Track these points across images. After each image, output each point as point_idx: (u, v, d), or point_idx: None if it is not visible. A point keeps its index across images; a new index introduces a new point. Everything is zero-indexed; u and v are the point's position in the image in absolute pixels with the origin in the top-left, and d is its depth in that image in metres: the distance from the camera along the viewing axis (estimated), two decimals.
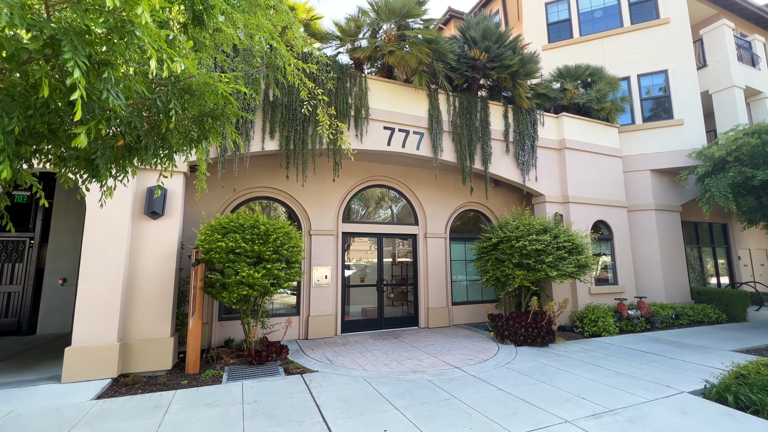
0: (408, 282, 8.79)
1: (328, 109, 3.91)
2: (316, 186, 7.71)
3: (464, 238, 9.26)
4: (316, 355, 6.08)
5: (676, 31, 10.22)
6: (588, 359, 5.84)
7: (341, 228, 8.00)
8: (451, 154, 7.80)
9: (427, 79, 7.47)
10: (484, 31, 7.83)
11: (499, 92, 8.85)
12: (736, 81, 10.53)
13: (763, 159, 7.59)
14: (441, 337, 7.39)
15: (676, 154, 9.65)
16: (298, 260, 5.75)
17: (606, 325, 7.54)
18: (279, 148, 6.37)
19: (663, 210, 9.74)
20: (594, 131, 9.43)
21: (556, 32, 11.47)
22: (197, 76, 1.84)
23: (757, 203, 7.93)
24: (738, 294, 9.18)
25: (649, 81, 10.39)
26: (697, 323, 8.76)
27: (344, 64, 7.15)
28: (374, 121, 7.17)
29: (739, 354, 6.05)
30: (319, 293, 7.46)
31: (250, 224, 5.41)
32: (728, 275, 12.03)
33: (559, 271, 6.59)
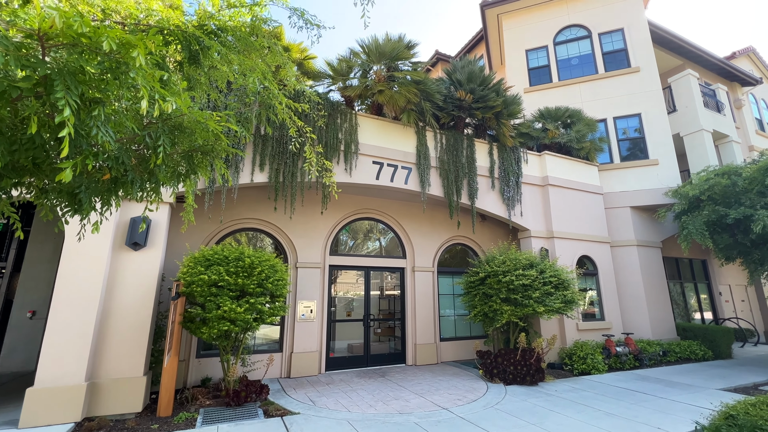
0: (395, 317, 8.62)
1: (315, 147, 4.00)
2: (304, 218, 7.70)
3: (452, 272, 9.24)
4: (298, 396, 5.80)
5: (646, 79, 10.98)
6: (578, 399, 5.71)
7: (328, 261, 7.92)
8: (438, 189, 7.96)
9: (415, 117, 7.75)
10: (469, 74, 8.27)
11: (485, 131, 9.22)
12: (704, 125, 11.23)
13: (734, 198, 7.96)
14: (429, 376, 7.16)
15: (653, 192, 10.05)
16: (283, 294, 5.62)
17: (595, 362, 7.45)
18: (268, 181, 6.40)
19: (644, 246, 9.98)
20: (575, 169, 9.80)
21: (537, 76, 12.19)
22: (188, 114, 1.88)
23: (732, 241, 8.21)
24: (722, 330, 9.27)
25: (625, 123, 11.00)
26: (684, 360, 8.74)
27: (335, 101, 7.39)
28: (363, 155, 7.33)
29: (727, 393, 6.01)
30: (304, 328, 7.23)
31: (235, 256, 5.31)
32: (711, 311, 12.18)
33: (546, 306, 6.58)
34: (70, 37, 1.31)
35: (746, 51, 15.93)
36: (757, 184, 7.63)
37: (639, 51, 11.21)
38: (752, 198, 7.65)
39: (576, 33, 12.05)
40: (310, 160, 3.65)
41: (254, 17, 2.95)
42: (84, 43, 1.38)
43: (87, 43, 1.36)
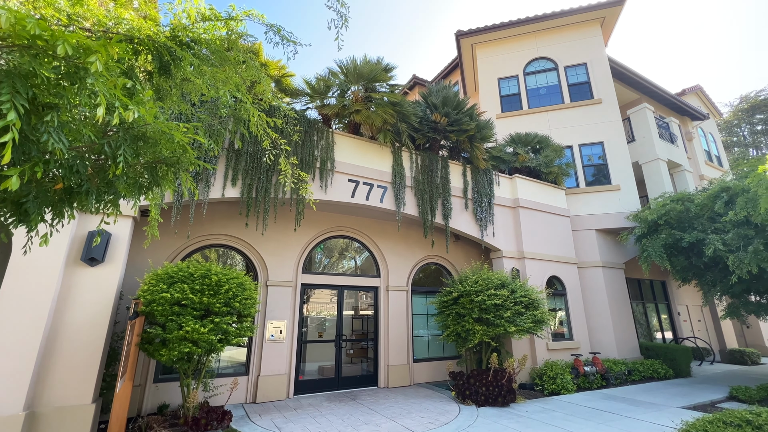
0: (368, 337, 8.45)
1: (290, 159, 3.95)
2: (276, 235, 7.54)
3: (426, 291, 9.24)
4: (263, 422, 5.50)
5: (607, 110, 11.74)
6: (548, 420, 5.73)
7: (300, 279, 7.73)
8: (413, 208, 8.04)
9: (391, 138, 7.89)
10: (444, 98, 8.56)
11: (459, 153, 9.48)
12: (659, 154, 12.06)
13: (688, 223, 8.50)
14: (401, 398, 7.00)
15: (616, 215, 10.58)
16: (252, 313, 5.40)
17: (564, 382, 7.55)
18: (240, 196, 6.25)
19: (609, 267, 10.40)
20: (544, 192, 10.20)
21: (508, 103, 12.78)
22: (153, 124, 1.82)
23: (687, 263, 8.70)
24: (682, 349, 9.67)
25: (589, 150, 11.64)
26: (647, 379, 9.01)
27: (312, 118, 7.42)
28: (339, 173, 7.33)
29: (687, 411, 6.21)
30: (272, 350, 6.95)
31: (201, 273, 5.09)
32: (671, 330, 12.72)
33: (517, 326, 6.66)
34: (23, 38, 1.25)
35: (695, 89, 17.43)
36: (707, 211, 8.20)
37: (601, 84, 12.02)
38: (704, 223, 8.19)
39: (544, 65, 12.82)
40: (285, 172, 3.59)
41: (230, 31, 2.95)
42: (40, 45, 1.31)
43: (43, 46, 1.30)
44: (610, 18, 12.56)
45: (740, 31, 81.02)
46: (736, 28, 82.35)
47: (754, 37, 77.47)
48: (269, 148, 3.52)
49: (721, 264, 7.93)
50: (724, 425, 4.60)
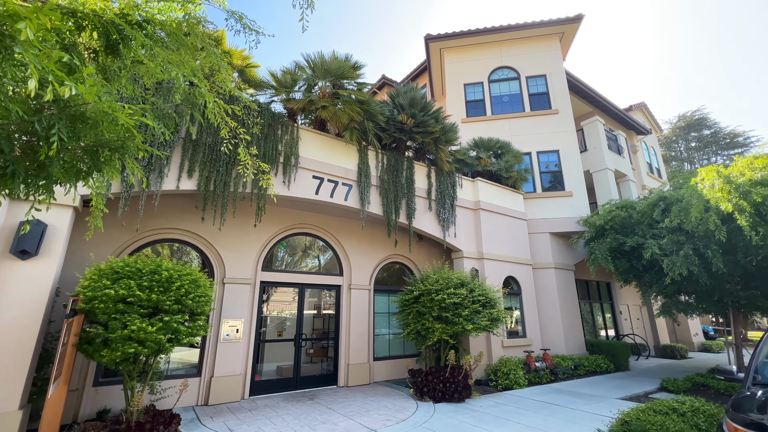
0: (329, 336, 8.37)
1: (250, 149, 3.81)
2: (235, 230, 7.26)
3: (388, 290, 9.30)
4: (215, 425, 5.27)
5: (563, 121, 12.44)
6: (500, 414, 5.97)
7: (260, 276, 7.50)
8: (377, 207, 8.06)
9: (357, 136, 7.86)
10: (411, 99, 8.67)
11: (424, 154, 9.64)
12: (608, 164, 12.97)
13: (630, 228, 9.20)
14: (360, 397, 7.00)
15: (568, 220, 11.24)
16: (205, 312, 5.16)
17: (516, 378, 7.90)
18: (197, 188, 5.96)
19: (561, 268, 11.02)
20: (504, 196, 10.62)
21: (473, 108, 13.18)
22: (94, 104, 1.69)
23: (629, 265, 9.42)
24: (622, 345, 10.45)
25: (546, 157, 12.27)
26: (591, 373, 9.65)
27: (277, 112, 7.23)
28: (303, 169, 7.20)
29: (624, 402, 6.72)
30: (228, 350, 6.69)
31: (151, 269, 4.79)
32: (614, 328, 13.72)
33: (475, 324, 6.88)
34: None
35: (640, 105, 18.92)
36: (647, 218, 8.92)
37: (558, 96, 12.72)
38: (644, 229, 8.90)
39: (507, 74, 13.35)
40: (244, 163, 3.46)
41: (188, 14, 2.81)
42: None
43: None
44: (569, 34, 13.32)
45: (682, 55, 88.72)
46: (679, 52, 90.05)
47: (694, 62, 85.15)
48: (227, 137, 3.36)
49: (657, 267, 8.66)
50: (654, 413, 5.03)
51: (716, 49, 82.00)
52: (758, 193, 6.34)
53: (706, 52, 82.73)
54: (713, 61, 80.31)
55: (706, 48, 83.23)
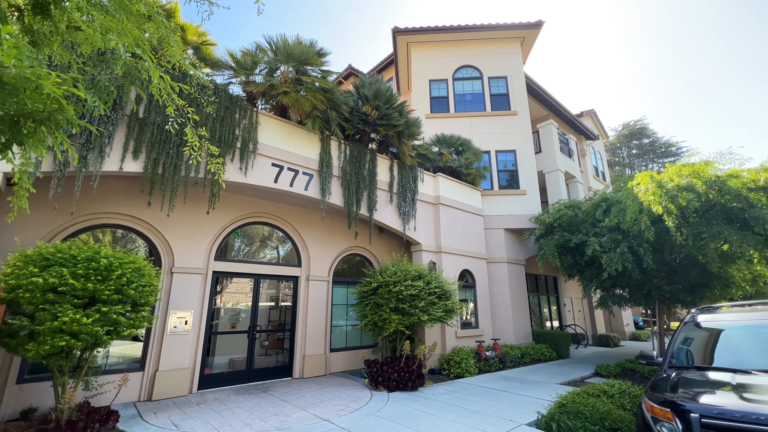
0: (285, 328, 8.23)
1: (199, 130, 3.59)
2: (186, 217, 6.88)
3: (347, 281, 9.29)
4: (158, 420, 5.02)
5: (521, 122, 13.01)
6: (451, 400, 6.22)
7: (213, 266, 7.19)
8: (338, 198, 7.99)
9: (320, 125, 7.71)
10: (376, 91, 8.63)
11: (387, 147, 9.67)
12: (559, 166, 13.77)
13: (576, 227, 9.86)
14: (315, 388, 6.97)
15: (521, 217, 11.83)
16: (150, 302, 4.86)
17: (468, 366, 8.25)
18: (143, 171, 5.55)
19: (513, 263, 11.60)
20: (463, 192, 10.94)
21: (437, 105, 13.39)
22: (13, 68, 1.51)
23: (573, 261, 10.11)
24: (563, 335, 11.25)
25: (504, 157, 12.79)
26: (536, 361, 10.30)
27: (235, 95, 6.89)
28: (262, 156, 6.95)
29: (563, 386, 7.26)
30: (175, 342, 6.36)
31: (87, 256, 4.41)
32: (558, 319, 14.74)
33: (430, 315, 7.07)
34: None
35: (590, 112, 20.22)
36: (590, 217, 9.61)
37: (517, 98, 13.25)
38: (587, 227, 9.59)
39: (471, 73, 13.68)
40: (191, 144, 3.25)
41: None
42: None
43: None
44: (529, 38, 13.88)
45: (629, 67, 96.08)
46: (627, 64, 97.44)
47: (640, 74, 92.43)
48: (173, 115, 3.12)
49: (597, 262, 9.37)
50: (587, 396, 5.48)
51: (659, 63, 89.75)
52: (684, 198, 7.04)
53: (650, 65, 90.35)
54: (657, 75, 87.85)
55: (651, 61, 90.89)
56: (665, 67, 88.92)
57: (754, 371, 3.13)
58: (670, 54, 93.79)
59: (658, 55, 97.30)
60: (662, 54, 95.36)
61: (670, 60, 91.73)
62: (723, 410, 2.50)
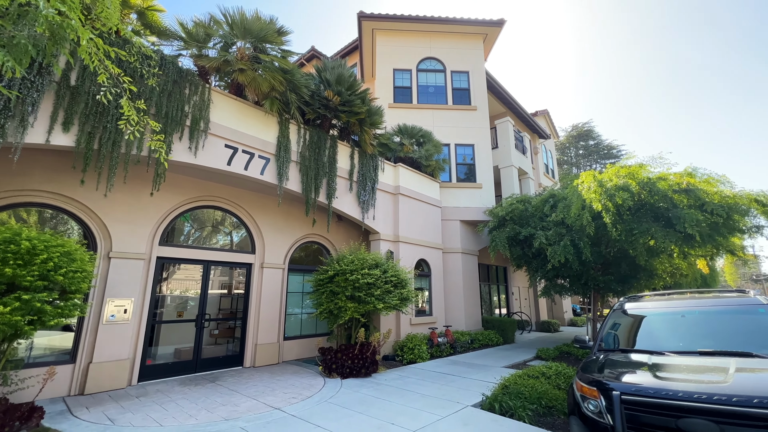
0: (237, 316, 7.96)
1: (137, 102, 3.27)
2: (126, 198, 6.36)
3: (304, 269, 9.15)
4: (91, 415, 4.67)
5: (480, 118, 13.39)
6: (403, 385, 6.40)
7: (157, 251, 6.73)
8: (296, 184, 7.78)
9: (279, 107, 7.41)
10: (338, 76, 8.43)
11: (348, 134, 9.53)
12: (514, 162, 14.41)
13: (526, 221, 10.42)
14: (267, 376, 6.85)
15: (477, 210, 12.28)
16: (81, 289, 4.46)
17: (420, 352, 8.52)
18: (75, 146, 5.02)
19: (467, 254, 12.06)
20: (422, 183, 11.12)
21: (401, 95, 13.39)
22: None
23: (521, 252, 10.71)
24: (510, 321, 11.96)
25: (463, 150, 13.13)
26: (485, 346, 10.88)
27: (185, 68, 6.40)
28: (215, 136, 6.56)
29: (508, 369, 7.73)
30: (112, 332, 5.92)
31: (5, 238, 3.94)
32: (506, 307, 15.63)
33: (386, 303, 7.17)
34: None
35: (543, 112, 21.28)
36: (539, 212, 10.20)
37: (478, 93, 13.60)
38: (536, 221, 10.17)
39: (435, 65, 13.80)
40: (128, 117, 2.96)
41: None
42: None
43: None
44: (491, 36, 14.22)
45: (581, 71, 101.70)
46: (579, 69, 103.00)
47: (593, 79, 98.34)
48: (107, 84, 2.79)
49: (543, 254, 10.01)
50: (527, 378, 5.88)
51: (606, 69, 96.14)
52: (620, 197, 7.68)
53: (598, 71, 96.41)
54: (604, 81, 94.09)
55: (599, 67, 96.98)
56: (611, 73, 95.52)
57: (667, 353, 3.52)
58: (616, 62, 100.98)
59: (605, 61, 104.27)
60: (609, 61, 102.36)
61: (615, 67, 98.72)
62: (639, 387, 2.79)
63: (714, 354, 3.31)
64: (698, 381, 2.81)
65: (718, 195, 7.76)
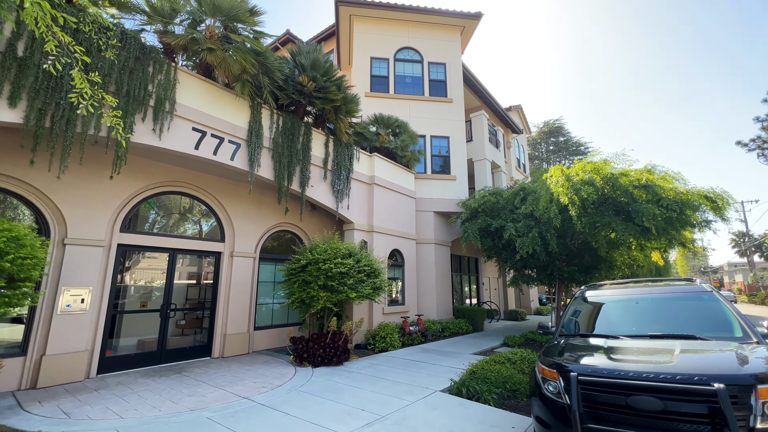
0: (206, 306, 7.74)
1: (91, 75, 3.03)
2: (83, 182, 5.98)
3: (276, 259, 9.00)
4: (44, 410, 4.43)
5: (456, 110, 13.51)
6: (374, 373, 6.47)
7: (118, 239, 6.40)
8: (268, 172, 7.58)
9: (250, 90, 7.16)
10: (313, 61, 8.22)
11: (323, 122, 9.36)
12: (487, 155, 14.69)
13: (497, 213, 10.69)
14: (236, 367, 6.73)
15: (451, 201, 12.46)
16: (32, 277, 4.18)
17: (392, 340, 8.64)
18: (24, 122, 4.64)
19: (440, 244, 12.25)
20: (398, 174, 11.13)
21: (378, 84, 13.26)
22: None
23: (492, 243, 11.00)
24: (480, 311, 12.32)
25: (438, 142, 13.23)
26: (455, 334, 11.16)
27: (149, 45, 6.03)
28: (181, 118, 6.26)
29: (476, 356, 7.98)
30: (68, 323, 5.61)
31: None
32: (477, 296, 16.07)
33: (358, 292, 7.19)
34: None
35: (517, 108, 21.76)
36: (510, 204, 10.49)
37: (454, 86, 13.69)
38: (506, 214, 10.46)
39: (412, 56, 13.73)
40: (80, 90, 2.75)
41: None
42: None
43: None
44: (469, 28, 14.29)
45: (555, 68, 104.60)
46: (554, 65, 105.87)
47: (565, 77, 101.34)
48: (55, 53, 2.56)
49: (513, 246, 10.32)
50: (494, 363, 6.09)
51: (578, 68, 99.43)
52: (585, 191, 8.01)
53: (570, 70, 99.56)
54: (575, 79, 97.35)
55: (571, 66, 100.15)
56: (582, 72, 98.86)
57: (621, 336, 3.75)
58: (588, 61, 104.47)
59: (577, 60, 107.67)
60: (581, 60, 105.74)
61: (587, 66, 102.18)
62: (595, 369, 2.96)
63: (662, 337, 3.55)
64: (647, 362, 3.01)
65: (673, 191, 8.25)
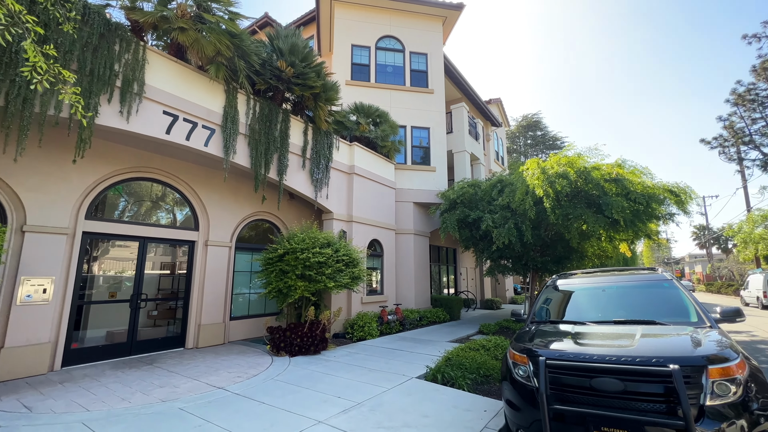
0: (179, 296, 7.54)
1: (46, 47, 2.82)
2: (44, 166, 5.65)
3: (253, 248, 8.84)
4: (3, 404, 4.23)
5: (437, 101, 13.52)
6: (351, 361, 6.52)
7: (83, 226, 6.11)
8: (245, 159, 7.39)
9: (225, 74, 6.91)
10: (292, 45, 8.00)
11: (302, 109, 9.17)
12: (467, 147, 14.83)
13: (475, 204, 10.86)
14: (210, 357, 6.62)
15: (430, 192, 12.55)
16: None
17: (370, 329, 8.70)
18: None
19: (419, 235, 12.36)
20: (378, 164, 11.09)
21: (359, 72, 13.07)
22: None
23: (470, 234, 11.19)
24: (457, 300, 12.57)
25: (419, 133, 13.24)
26: (433, 323, 11.37)
27: (116, 21, 5.69)
28: (151, 101, 5.98)
29: (452, 344, 8.16)
30: (28, 314, 5.34)
31: None
32: (455, 286, 16.38)
33: (336, 282, 7.18)
34: None
35: (497, 101, 22.00)
36: (487, 196, 10.67)
37: (435, 77, 13.67)
38: (484, 205, 10.64)
39: (394, 44, 13.59)
40: (34, 64, 2.56)
41: None
42: None
43: None
44: (451, 19, 14.25)
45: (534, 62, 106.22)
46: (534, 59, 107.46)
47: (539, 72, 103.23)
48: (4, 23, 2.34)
49: (489, 236, 10.54)
50: (469, 350, 6.25)
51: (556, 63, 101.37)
52: (559, 184, 8.24)
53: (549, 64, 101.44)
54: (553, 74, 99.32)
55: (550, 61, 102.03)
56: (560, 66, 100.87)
57: (588, 323, 3.91)
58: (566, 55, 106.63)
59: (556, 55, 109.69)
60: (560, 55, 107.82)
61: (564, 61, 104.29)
62: (562, 353, 3.08)
63: (625, 323, 3.73)
64: (610, 346, 3.16)
65: (641, 185, 8.61)
